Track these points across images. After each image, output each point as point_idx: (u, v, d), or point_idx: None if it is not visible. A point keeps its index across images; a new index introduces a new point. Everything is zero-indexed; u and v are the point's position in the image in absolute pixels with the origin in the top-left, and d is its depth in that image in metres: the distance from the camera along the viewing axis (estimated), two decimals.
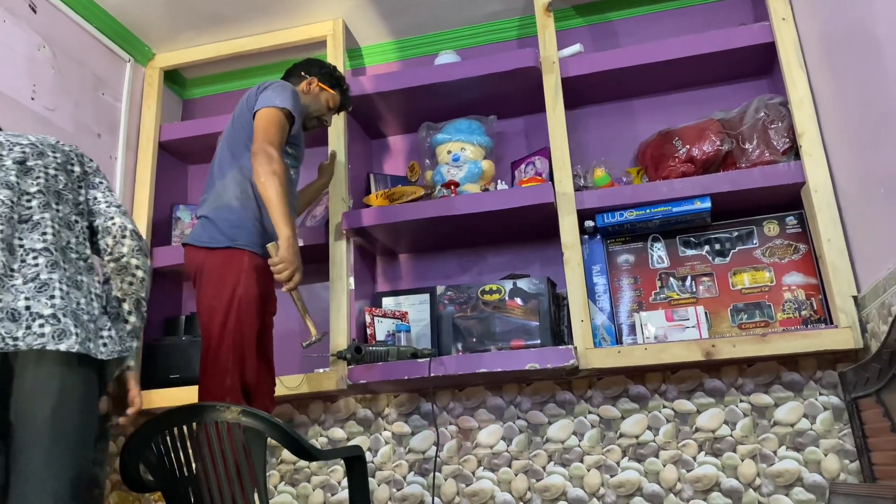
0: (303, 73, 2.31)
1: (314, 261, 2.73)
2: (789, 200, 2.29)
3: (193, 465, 1.70)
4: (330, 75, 2.33)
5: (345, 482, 2.44)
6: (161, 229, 2.84)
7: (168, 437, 1.71)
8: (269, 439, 1.71)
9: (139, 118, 2.86)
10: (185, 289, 2.94)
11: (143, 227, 2.70)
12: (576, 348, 2.18)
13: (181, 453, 1.70)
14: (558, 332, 2.32)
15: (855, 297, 2.04)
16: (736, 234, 2.36)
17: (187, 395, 2.19)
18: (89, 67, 2.62)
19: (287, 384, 2.39)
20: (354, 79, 2.68)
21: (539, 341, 2.24)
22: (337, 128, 2.63)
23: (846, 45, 1.93)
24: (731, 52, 2.40)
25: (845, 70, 1.96)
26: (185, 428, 1.70)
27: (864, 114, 1.86)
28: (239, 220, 2.03)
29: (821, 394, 2.21)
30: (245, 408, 1.70)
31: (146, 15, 2.73)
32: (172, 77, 3.10)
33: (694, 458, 2.26)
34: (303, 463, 2.49)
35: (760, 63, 2.48)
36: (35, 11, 2.39)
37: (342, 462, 2.40)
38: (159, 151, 2.86)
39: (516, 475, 2.37)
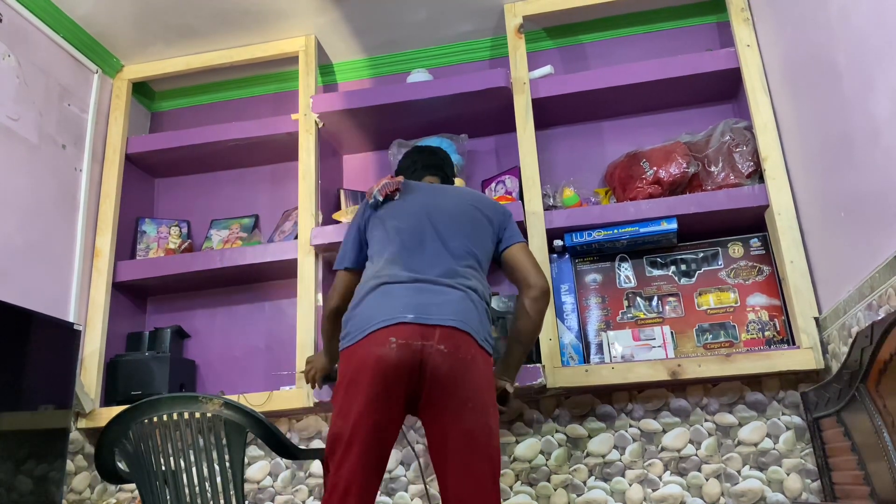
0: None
1: (282, 276, 2.71)
2: (753, 223, 2.33)
3: (171, 458, 1.66)
4: None
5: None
6: (125, 243, 2.79)
7: (146, 427, 1.67)
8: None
9: (105, 130, 2.82)
10: (148, 304, 2.88)
11: (106, 241, 2.65)
12: (544, 367, 2.19)
13: (159, 444, 1.67)
14: None
15: (816, 319, 2.07)
16: (701, 255, 2.39)
17: None
18: (55, 77, 2.58)
19: (252, 401, 2.36)
20: (325, 95, 2.68)
21: None
22: (308, 143, 2.62)
23: (808, 71, 1.98)
24: (697, 76, 2.46)
25: (807, 96, 2.01)
26: (164, 418, 1.67)
27: (824, 139, 1.90)
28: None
29: (783, 414, 2.24)
30: (227, 400, 1.67)
31: (115, 26, 2.70)
32: (141, 89, 3.07)
33: (660, 478, 2.26)
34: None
35: (726, 88, 2.54)
36: (0, 20, 2.34)
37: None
38: (126, 164, 2.82)
39: None
